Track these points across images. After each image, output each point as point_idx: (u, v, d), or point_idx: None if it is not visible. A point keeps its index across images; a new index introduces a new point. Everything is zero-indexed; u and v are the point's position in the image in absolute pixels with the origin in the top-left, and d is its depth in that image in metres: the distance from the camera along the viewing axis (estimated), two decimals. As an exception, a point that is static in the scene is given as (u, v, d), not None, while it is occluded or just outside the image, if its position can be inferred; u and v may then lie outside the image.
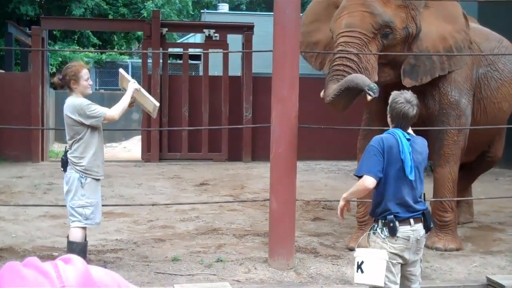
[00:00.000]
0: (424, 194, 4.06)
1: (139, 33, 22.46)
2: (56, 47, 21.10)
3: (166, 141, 14.64)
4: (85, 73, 5.16)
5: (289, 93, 5.41)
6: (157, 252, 6.01)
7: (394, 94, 4.05)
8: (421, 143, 4.04)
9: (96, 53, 22.89)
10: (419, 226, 3.90)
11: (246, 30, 14.86)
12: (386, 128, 4.23)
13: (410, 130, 4.01)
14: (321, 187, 10.16)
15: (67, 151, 5.23)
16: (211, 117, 14.47)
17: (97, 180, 5.20)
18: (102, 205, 7.96)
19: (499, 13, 12.07)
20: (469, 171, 7.49)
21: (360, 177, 3.92)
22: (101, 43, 23.44)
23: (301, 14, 5.93)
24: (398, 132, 3.93)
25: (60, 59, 21.22)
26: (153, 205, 8.03)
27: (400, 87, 5.83)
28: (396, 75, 5.92)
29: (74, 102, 5.06)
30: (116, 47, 24.53)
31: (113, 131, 19.04)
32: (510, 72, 6.87)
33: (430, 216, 4.02)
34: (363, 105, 6.33)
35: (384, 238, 3.86)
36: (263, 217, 7.67)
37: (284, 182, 5.46)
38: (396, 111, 3.94)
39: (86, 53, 22.12)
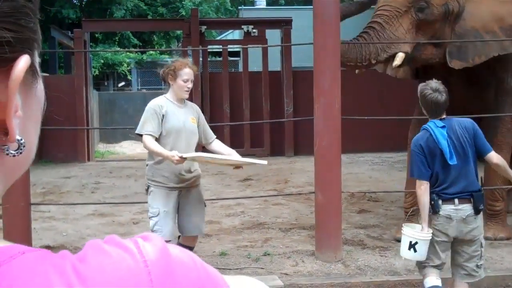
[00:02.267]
0: (481, 178, 4.19)
1: (178, 32, 22.65)
2: (98, 49, 21.48)
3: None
4: (186, 72, 4.54)
5: (331, 86, 5.39)
6: (204, 247, 6.08)
7: (421, 86, 4.23)
8: (459, 123, 4.15)
9: (137, 54, 23.19)
10: (466, 206, 4.03)
11: (284, 24, 14.84)
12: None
13: (443, 116, 4.16)
14: (366, 179, 10.08)
15: None
16: (252, 113, 14.50)
17: (165, 189, 4.57)
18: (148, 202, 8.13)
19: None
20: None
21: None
22: (141, 44, 23.74)
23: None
24: (430, 124, 4.12)
25: (102, 61, 21.60)
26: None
27: (449, 68, 5.77)
28: (441, 55, 5.83)
29: (152, 100, 4.60)
30: (156, 47, 24.81)
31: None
32: None
33: (481, 198, 4.08)
34: (409, 96, 6.29)
35: (430, 216, 4.10)
36: (308, 210, 7.67)
37: (329, 175, 5.45)
38: (427, 102, 4.13)
39: (127, 53, 22.44)
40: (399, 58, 5.55)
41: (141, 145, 17.40)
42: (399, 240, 5.97)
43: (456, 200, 4.05)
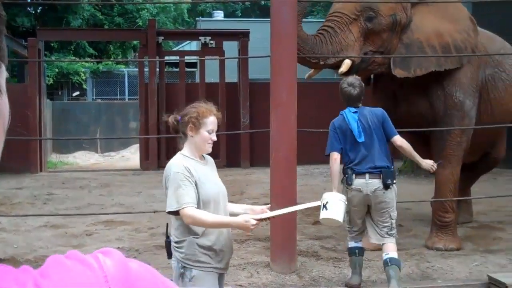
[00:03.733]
0: (392, 158, 4.90)
1: (135, 42, 22.50)
2: (53, 58, 21.14)
3: (165, 148, 14.64)
4: (211, 121, 3.43)
5: (287, 98, 5.44)
6: (159, 259, 6.02)
7: (341, 81, 5.00)
8: (371, 111, 4.89)
9: (92, 63, 22.93)
10: (375, 181, 4.74)
11: (242, 36, 14.92)
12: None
13: (360, 105, 4.93)
14: (321, 190, 10.06)
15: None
16: (209, 124, 14.47)
17: (213, 271, 3.34)
18: (102, 214, 8.06)
19: (492, 13, 12.13)
20: (472, 171, 7.49)
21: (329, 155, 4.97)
22: (97, 53, 23.48)
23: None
24: (345, 110, 4.91)
25: (56, 70, 21.26)
26: (154, 212, 8.03)
27: (395, 79, 5.98)
28: (387, 65, 6.03)
29: (172, 162, 3.37)
30: (112, 57, 24.58)
31: (111, 139, 19.10)
32: None
33: (390, 174, 4.74)
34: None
35: (344, 188, 4.87)
36: (264, 222, 7.67)
37: (284, 186, 5.49)
38: (343, 94, 4.92)
39: (83, 63, 22.16)
40: (345, 65, 5.74)
41: (95, 156, 17.08)
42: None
43: (367, 175, 4.76)
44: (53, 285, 0.57)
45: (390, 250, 4.89)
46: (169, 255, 3.38)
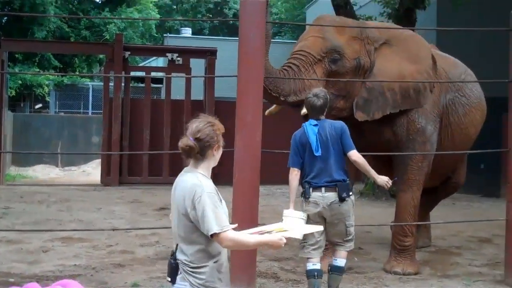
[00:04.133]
0: (347, 171, 4.98)
1: (101, 56, 22.33)
2: (16, 70, 20.81)
3: (127, 164, 14.49)
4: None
5: (253, 119, 5.44)
6: (116, 278, 5.92)
7: (309, 92, 5.16)
8: (331, 124, 4.97)
9: (56, 76, 22.63)
10: (331, 194, 4.85)
11: (209, 54, 14.93)
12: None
13: (323, 118, 5.01)
14: (282, 211, 10.12)
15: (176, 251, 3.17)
16: (173, 141, 14.38)
17: None
18: (60, 230, 7.90)
19: (456, 40, 12.40)
20: (432, 196, 7.58)
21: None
22: (62, 66, 23.20)
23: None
24: (306, 123, 5.01)
25: (20, 82, 20.92)
26: (113, 230, 7.92)
27: (355, 120, 5.99)
28: (349, 109, 6.05)
29: (202, 183, 3.12)
30: (77, 70, 24.31)
31: (72, 154, 18.82)
32: (476, 98, 7.03)
33: (345, 188, 4.85)
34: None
35: (302, 201, 5.00)
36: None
37: (246, 207, 5.46)
38: (306, 104, 5.05)
39: (47, 75, 21.86)
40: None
41: (56, 170, 16.75)
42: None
43: (323, 189, 4.87)
44: None
45: (338, 256, 5.05)
46: (174, 280, 3.09)
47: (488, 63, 11.80)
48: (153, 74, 18.77)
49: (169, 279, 3.11)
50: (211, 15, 37.74)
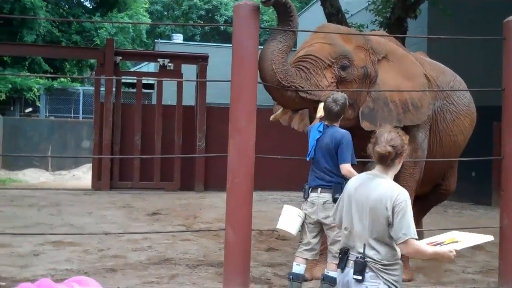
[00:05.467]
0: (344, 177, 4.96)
1: (92, 61, 22.28)
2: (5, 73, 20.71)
3: (118, 169, 14.46)
4: None
5: (247, 124, 5.44)
6: (108, 282, 5.90)
7: (329, 95, 5.25)
8: (333, 132, 5.08)
9: (47, 80, 22.55)
10: (326, 195, 5.03)
11: (201, 60, 14.96)
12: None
13: (335, 124, 5.15)
14: (275, 217, 10.06)
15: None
16: (164, 147, 14.39)
17: None
18: (51, 234, 7.87)
19: (447, 48, 12.51)
20: (423, 203, 7.61)
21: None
22: (52, 70, 23.12)
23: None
24: (314, 126, 5.24)
25: (10, 85, 20.82)
26: (105, 234, 7.89)
27: (362, 129, 5.94)
28: (355, 117, 6.00)
29: (400, 189, 3.35)
30: (68, 75, 24.22)
31: (63, 158, 18.75)
32: (465, 105, 7.07)
33: (339, 189, 4.78)
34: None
35: (303, 201, 5.22)
36: (216, 247, 7.63)
37: (240, 212, 5.46)
38: (324, 107, 5.15)
39: (37, 79, 21.78)
40: (321, 111, 5.44)
41: (46, 174, 16.72)
42: (305, 280, 6.09)
43: (319, 189, 5.05)
44: None
45: (330, 268, 5.08)
46: (363, 278, 3.31)
47: (479, 71, 11.92)
48: (144, 79, 18.77)
49: (358, 277, 3.31)
50: (202, 22, 37.78)
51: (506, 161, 6.01)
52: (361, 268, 3.33)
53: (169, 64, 14.94)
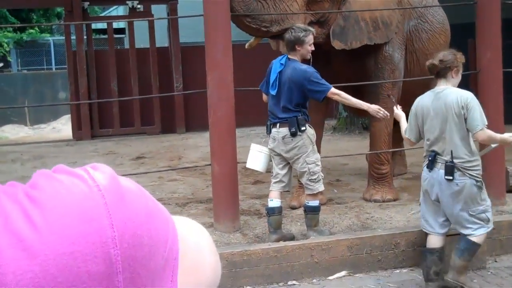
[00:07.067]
0: (303, 110, 5.20)
1: (59, 9, 21.74)
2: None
3: (97, 117, 14.33)
4: None
5: (223, 57, 5.41)
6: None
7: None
8: (295, 66, 5.10)
9: (15, 33, 22.03)
10: (284, 129, 5.14)
11: (171, -1, 14.64)
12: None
13: (294, 57, 5.18)
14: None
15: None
16: (141, 91, 14.23)
17: None
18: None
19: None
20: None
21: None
22: (19, 23, 22.55)
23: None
24: (279, 57, 5.29)
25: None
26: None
27: (332, 49, 5.97)
28: (325, 36, 6.01)
29: (464, 92, 4.37)
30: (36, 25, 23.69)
31: (41, 111, 18.53)
32: (439, 22, 7.05)
33: (294, 123, 5.09)
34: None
35: (266, 136, 5.43)
36: (203, 184, 7.69)
37: (225, 146, 5.50)
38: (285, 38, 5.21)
39: (5, 33, 21.26)
40: None
41: (25, 129, 16.54)
42: (293, 208, 6.19)
43: (278, 124, 5.19)
44: (45, 195, 0.57)
45: (307, 199, 5.29)
46: (453, 177, 4.23)
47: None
48: (115, 22, 18.40)
49: (449, 177, 4.23)
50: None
51: (482, 75, 6.07)
52: (451, 170, 4.20)
53: (139, 6, 14.61)
